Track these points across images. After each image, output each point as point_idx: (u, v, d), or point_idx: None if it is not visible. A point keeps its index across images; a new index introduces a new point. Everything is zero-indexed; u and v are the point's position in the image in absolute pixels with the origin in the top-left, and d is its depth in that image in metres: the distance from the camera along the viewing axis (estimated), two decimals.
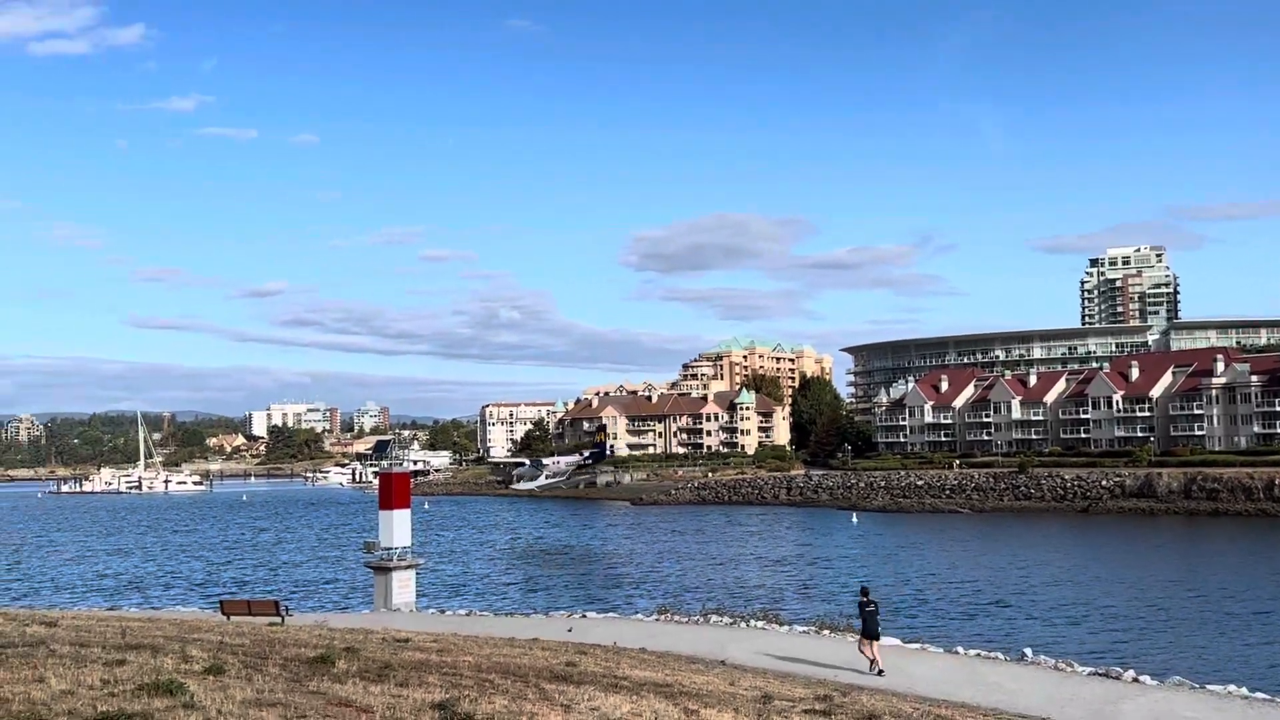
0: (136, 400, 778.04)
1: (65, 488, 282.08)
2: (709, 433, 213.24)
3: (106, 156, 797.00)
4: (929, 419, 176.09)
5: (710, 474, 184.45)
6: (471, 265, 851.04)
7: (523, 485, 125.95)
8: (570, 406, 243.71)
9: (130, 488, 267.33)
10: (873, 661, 27.15)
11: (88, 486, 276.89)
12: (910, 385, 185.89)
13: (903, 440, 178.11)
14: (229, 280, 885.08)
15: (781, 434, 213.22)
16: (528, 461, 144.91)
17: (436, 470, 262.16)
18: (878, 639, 27.71)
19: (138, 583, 74.68)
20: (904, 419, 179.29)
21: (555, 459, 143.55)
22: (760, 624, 36.88)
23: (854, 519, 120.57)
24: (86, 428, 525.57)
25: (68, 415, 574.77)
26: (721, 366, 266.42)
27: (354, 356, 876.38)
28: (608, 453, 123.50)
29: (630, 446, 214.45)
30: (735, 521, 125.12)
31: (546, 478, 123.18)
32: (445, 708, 13.81)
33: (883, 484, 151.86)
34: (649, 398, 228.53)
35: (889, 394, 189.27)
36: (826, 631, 34.65)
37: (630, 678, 21.46)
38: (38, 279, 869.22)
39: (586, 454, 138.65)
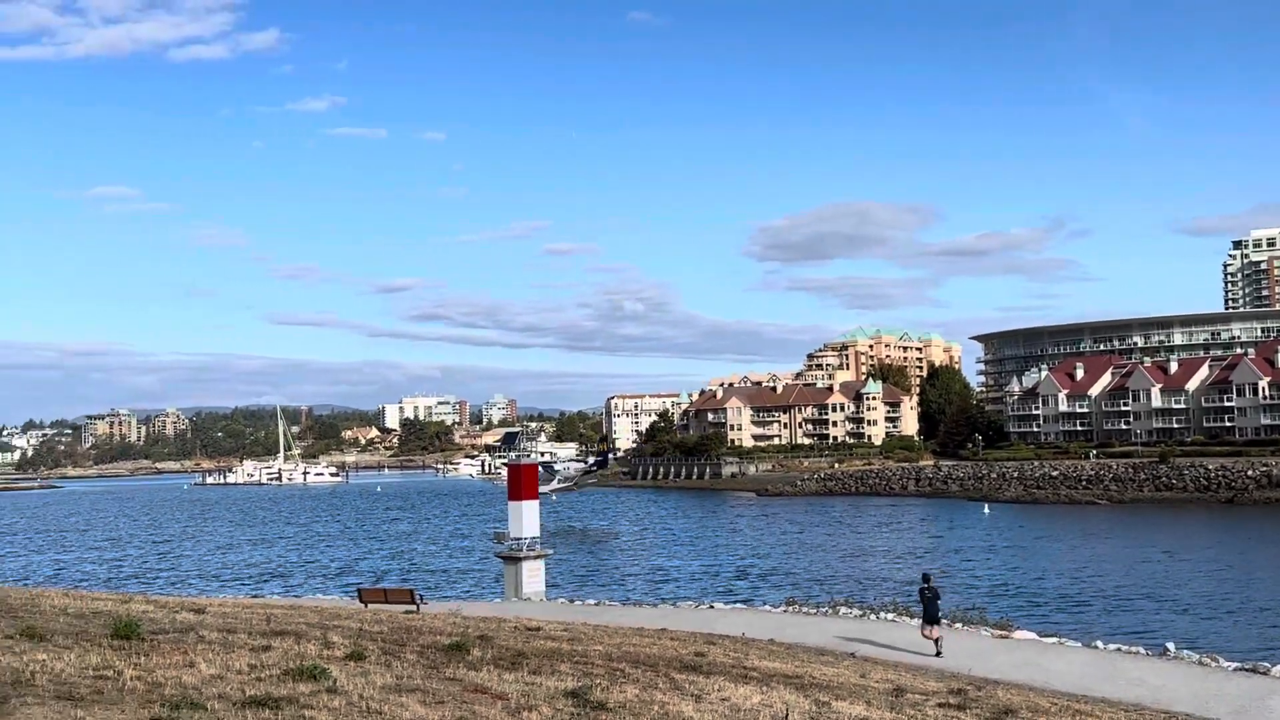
0: (276, 395, 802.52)
1: (210, 480, 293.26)
2: (835, 423, 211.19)
3: (245, 158, 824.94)
4: (1063, 408, 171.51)
5: (836, 465, 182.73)
6: (595, 258, 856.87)
7: (541, 489, 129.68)
8: (694, 398, 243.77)
9: (271, 479, 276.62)
10: (937, 639, 28.56)
11: (231, 478, 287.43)
12: (1043, 373, 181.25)
13: (1036, 430, 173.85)
14: (361, 277, 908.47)
15: (909, 424, 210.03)
16: (542, 468, 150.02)
17: (563, 462, 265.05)
18: (938, 623, 29.08)
19: (279, 571, 77.22)
20: (1037, 408, 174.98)
21: (566, 465, 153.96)
22: (891, 616, 36.41)
23: (986, 510, 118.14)
24: (229, 421, 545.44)
25: (212, 410, 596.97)
26: (847, 356, 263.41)
27: (481, 350, 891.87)
28: (610, 461, 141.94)
29: (755, 438, 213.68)
30: (863, 513, 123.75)
31: (558, 482, 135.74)
32: (578, 696, 13.98)
33: (1015, 475, 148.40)
34: (773, 388, 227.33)
35: (1021, 382, 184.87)
36: (959, 625, 34.03)
37: (759, 669, 21.42)
38: (183, 278, 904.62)
39: (592, 461, 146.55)
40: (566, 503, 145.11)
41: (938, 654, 28.16)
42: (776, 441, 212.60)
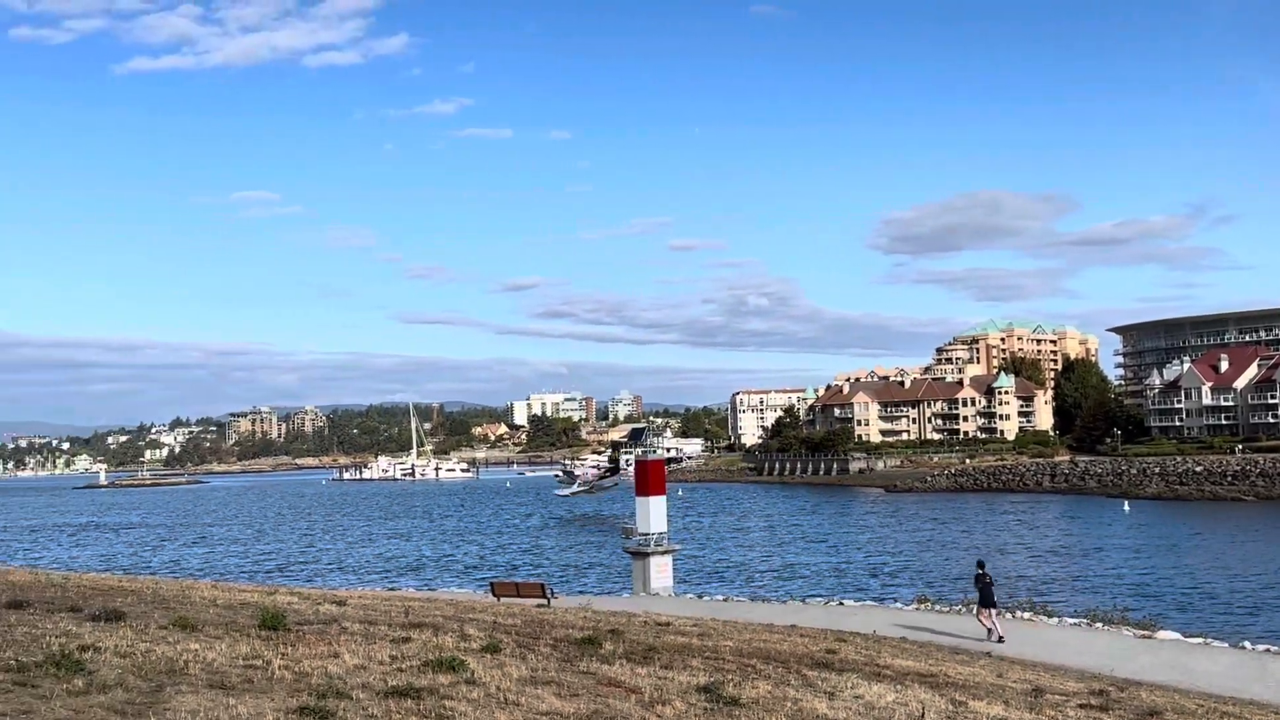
0: (408, 392, 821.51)
1: (346, 475, 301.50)
2: (965, 418, 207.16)
3: (376, 161, 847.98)
4: (1207, 401, 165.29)
5: (968, 460, 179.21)
6: (719, 254, 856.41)
7: (560, 491, 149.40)
8: (820, 393, 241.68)
9: (404, 475, 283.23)
10: (990, 630, 29.95)
11: (366, 474, 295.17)
12: (1186, 366, 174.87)
13: (1178, 424, 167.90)
14: (488, 275, 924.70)
15: (1043, 419, 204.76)
16: (561, 472, 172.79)
17: (689, 457, 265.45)
18: (993, 608, 30.61)
19: (414, 565, 79.00)
20: (1179, 401, 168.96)
21: (585, 470, 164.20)
22: (1027, 615, 35.64)
23: (1125, 508, 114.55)
24: (364, 418, 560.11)
25: (347, 407, 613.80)
26: (977, 349, 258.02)
27: (607, 346, 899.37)
28: (621, 470, 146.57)
29: (882, 433, 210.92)
30: (995, 509, 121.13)
31: (578, 486, 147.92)
32: (710, 691, 14.02)
33: (1157, 470, 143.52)
34: (901, 383, 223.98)
35: (1162, 375, 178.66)
36: (1100, 625, 33.12)
37: (892, 666, 21.17)
38: (319, 279, 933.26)
39: (604, 468, 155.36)
40: (694, 498, 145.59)
41: (990, 637, 29.52)
42: (905, 437, 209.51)
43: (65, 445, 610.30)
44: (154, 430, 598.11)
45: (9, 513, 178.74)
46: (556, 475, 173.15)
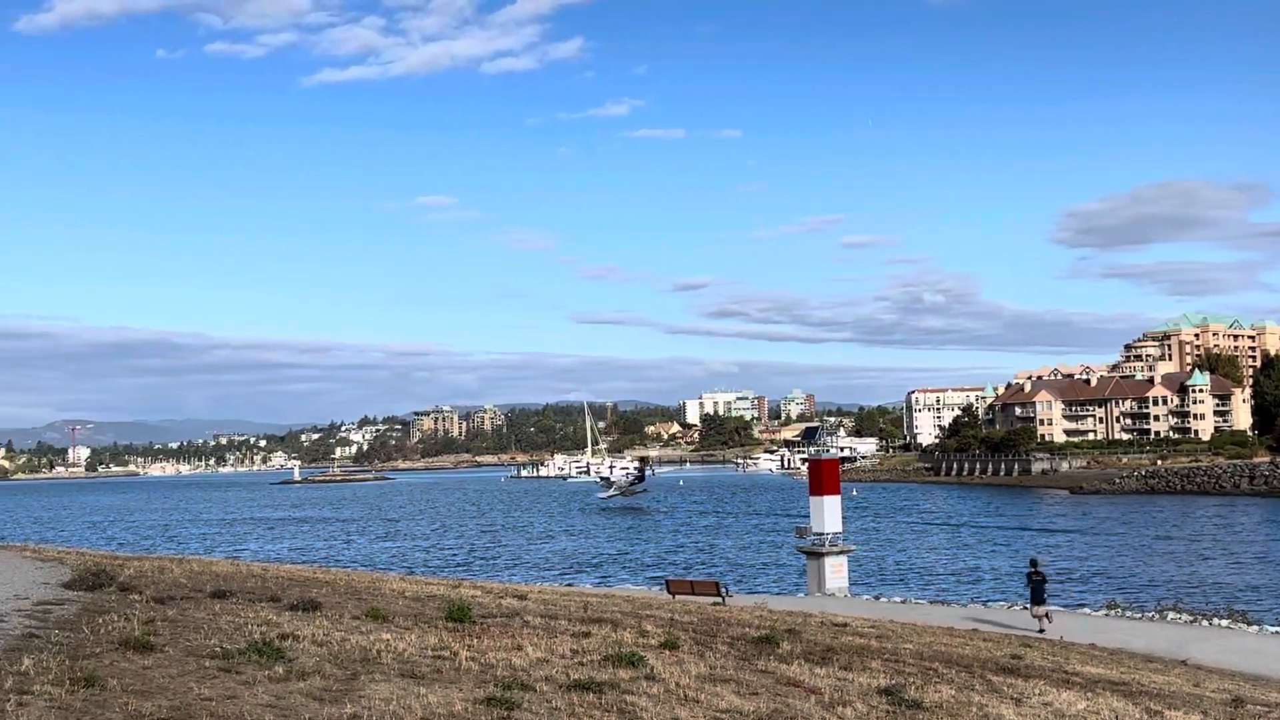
0: (583, 391, 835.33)
1: (524, 472, 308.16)
2: (1156, 417, 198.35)
3: (551, 164, 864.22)
4: None
5: (1158, 461, 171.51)
6: (894, 250, 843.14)
7: (601, 494, 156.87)
8: (1000, 391, 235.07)
9: (580, 473, 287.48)
10: (1042, 617, 31.94)
11: (543, 471, 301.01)
12: None
13: None
14: (660, 275, 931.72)
15: (1241, 418, 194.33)
16: (600, 479, 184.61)
17: (863, 457, 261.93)
18: (1043, 604, 32.42)
19: (591, 561, 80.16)
20: None
21: (620, 475, 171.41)
22: (1225, 623, 33.95)
23: None
24: (540, 417, 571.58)
25: (524, 406, 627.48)
26: (1169, 346, 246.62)
27: (778, 345, 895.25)
28: (649, 476, 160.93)
29: (1066, 433, 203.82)
30: (1189, 513, 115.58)
31: (614, 490, 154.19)
32: (891, 694, 13.82)
33: None
34: (1087, 381, 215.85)
35: None
36: None
37: (1081, 674, 20.46)
38: (497, 281, 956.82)
39: (633, 476, 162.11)
40: (869, 498, 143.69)
41: (1040, 631, 31.12)
42: (1090, 437, 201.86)
43: (263, 442, 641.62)
44: (343, 428, 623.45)
45: (212, 507, 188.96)
46: (598, 480, 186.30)
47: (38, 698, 9.53)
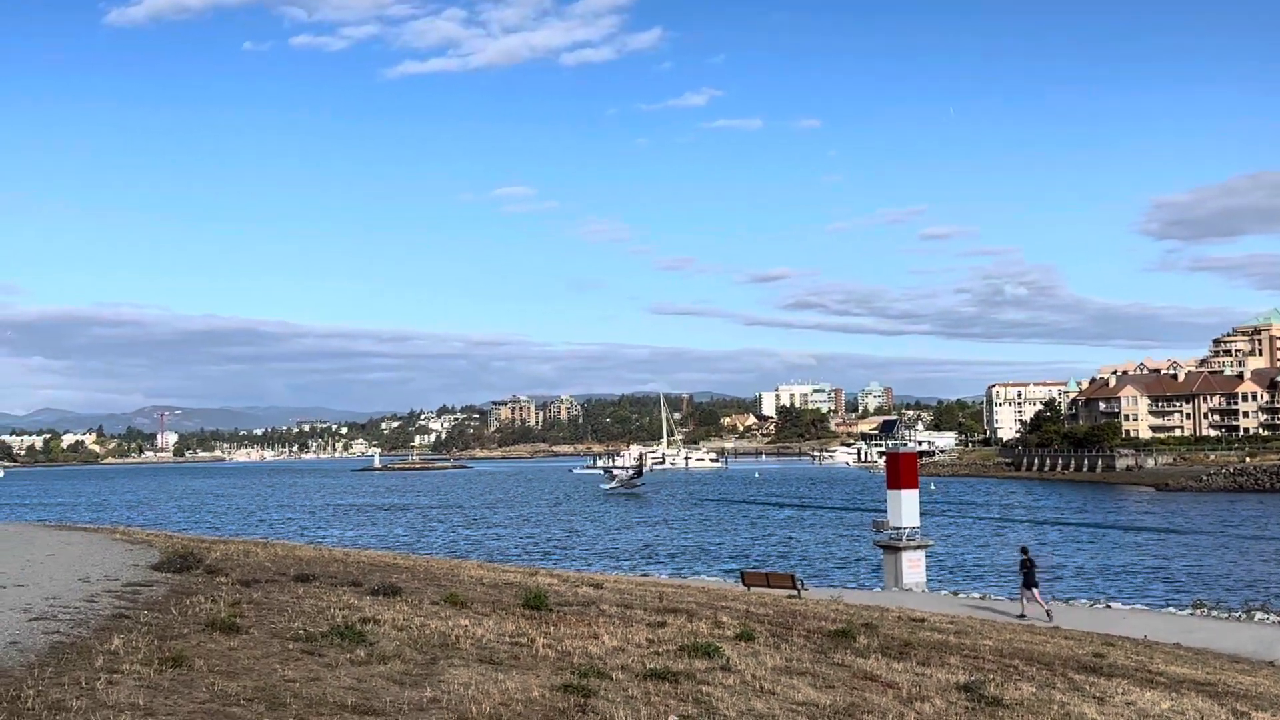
0: (659, 382, 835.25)
1: (600, 463, 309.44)
2: (1245, 414, 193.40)
3: (628, 155, 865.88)
4: None
5: (1247, 459, 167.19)
6: (974, 241, 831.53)
7: (604, 485, 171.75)
8: (1084, 386, 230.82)
9: (655, 464, 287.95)
10: (1031, 602, 35.28)
11: (619, 461, 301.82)
12: None
13: None
14: (736, 267, 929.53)
15: None
16: (604, 471, 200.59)
17: (941, 451, 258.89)
18: (1035, 588, 35.54)
19: (668, 551, 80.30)
20: None
21: (621, 470, 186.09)
22: None
23: None
24: (616, 408, 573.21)
25: (600, 396, 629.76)
26: (1259, 341, 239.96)
27: (855, 338, 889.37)
28: (644, 473, 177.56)
29: (1152, 429, 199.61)
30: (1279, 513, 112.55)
31: (615, 483, 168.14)
32: (970, 690, 13.66)
33: None
34: (1174, 376, 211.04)
35: None
36: None
37: (1166, 673, 20.05)
38: (573, 272, 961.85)
39: (632, 472, 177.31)
40: (948, 493, 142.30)
41: (1021, 615, 34.47)
42: (1177, 433, 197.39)
43: (344, 430, 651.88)
44: (422, 416, 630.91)
45: (295, 493, 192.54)
46: (601, 473, 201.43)
47: (127, 676, 9.79)
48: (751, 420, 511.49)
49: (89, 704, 8.71)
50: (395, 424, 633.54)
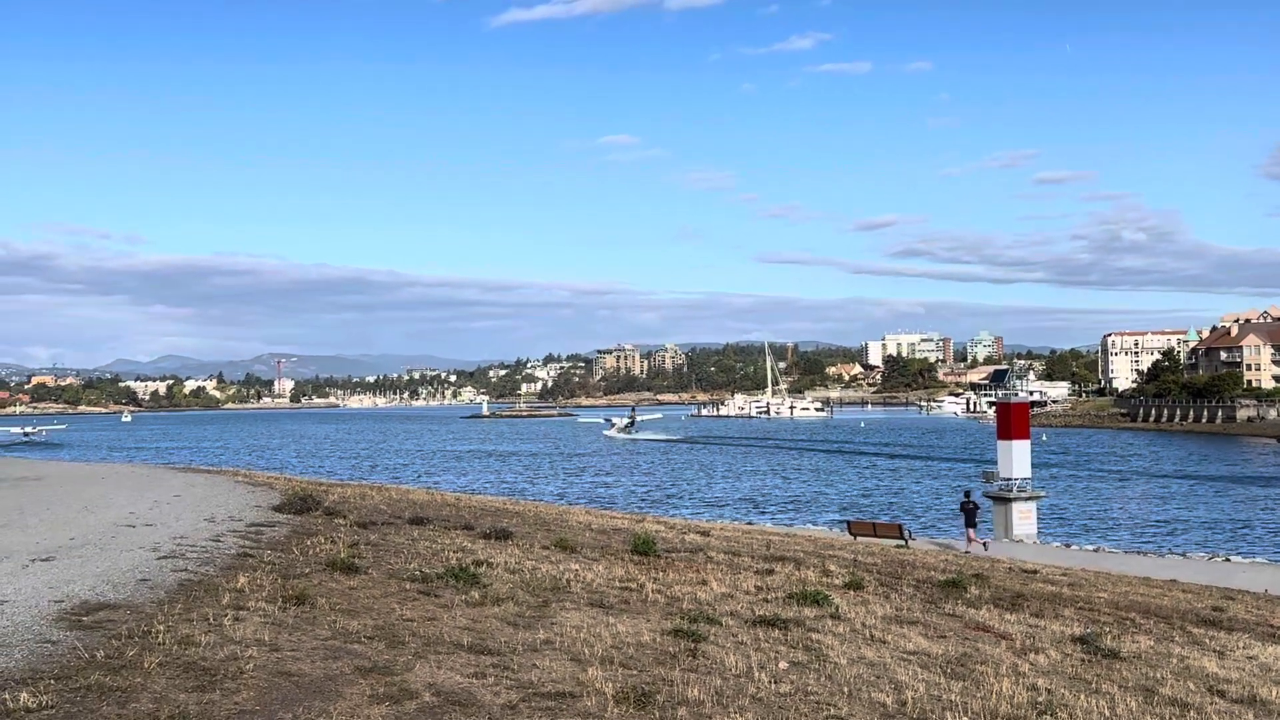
0: (763, 331, 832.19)
1: (704, 411, 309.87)
2: None
3: (733, 101, 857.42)
4: None
5: None
6: (1091, 186, 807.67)
7: (606, 432, 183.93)
8: (1204, 335, 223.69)
9: (759, 413, 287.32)
10: (973, 541, 39.17)
11: (723, 411, 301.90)
12: None
13: None
14: (843, 214, 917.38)
15: None
16: (604, 420, 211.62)
17: (1054, 401, 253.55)
18: (974, 528, 40.22)
19: (771, 501, 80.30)
20: None
21: (618, 419, 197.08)
22: None
23: None
24: (720, 356, 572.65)
25: (704, 345, 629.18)
26: None
27: (965, 286, 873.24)
28: (636, 420, 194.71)
29: (1276, 379, 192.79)
30: None
31: (616, 431, 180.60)
32: (1086, 642, 13.44)
33: None
34: None
35: None
36: None
37: None
38: (678, 220, 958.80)
39: (626, 420, 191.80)
40: (1061, 443, 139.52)
41: (967, 551, 36.75)
42: None
43: (452, 378, 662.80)
44: (529, 365, 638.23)
45: (408, 439, 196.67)
46: (603, 421, 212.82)
47: (252, 613, 10.15)
48: (857, 369, 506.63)
49: (217, 639, 9.06)
50: (502, 372, 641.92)
